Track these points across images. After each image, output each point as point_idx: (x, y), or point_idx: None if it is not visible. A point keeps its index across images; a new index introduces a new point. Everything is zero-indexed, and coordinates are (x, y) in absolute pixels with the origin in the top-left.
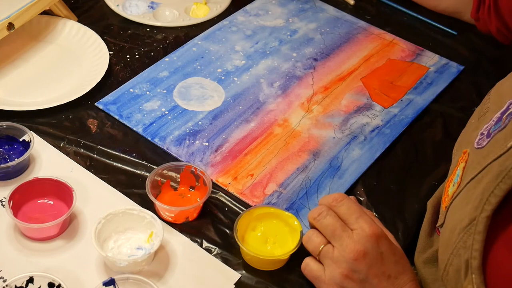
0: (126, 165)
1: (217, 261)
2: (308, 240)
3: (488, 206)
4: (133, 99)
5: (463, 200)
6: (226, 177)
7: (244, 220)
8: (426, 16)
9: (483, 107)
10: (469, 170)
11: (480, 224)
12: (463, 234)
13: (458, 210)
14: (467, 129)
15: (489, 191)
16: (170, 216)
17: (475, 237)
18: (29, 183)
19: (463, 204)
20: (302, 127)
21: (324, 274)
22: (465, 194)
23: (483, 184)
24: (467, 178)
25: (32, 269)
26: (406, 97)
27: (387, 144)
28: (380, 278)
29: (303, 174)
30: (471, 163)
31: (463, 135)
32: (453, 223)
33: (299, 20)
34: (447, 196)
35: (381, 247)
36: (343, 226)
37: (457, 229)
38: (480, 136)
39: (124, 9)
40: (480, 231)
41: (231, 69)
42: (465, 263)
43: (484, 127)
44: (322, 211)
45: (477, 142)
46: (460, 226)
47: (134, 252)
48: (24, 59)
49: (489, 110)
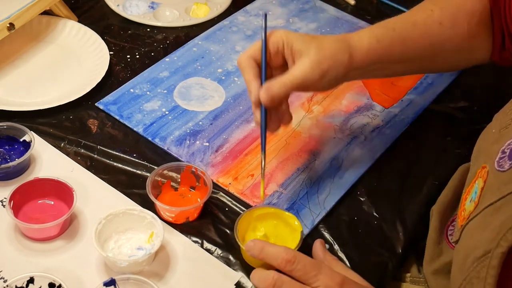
0: (126, 165)
1: (217, 262)
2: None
3: (505, 242)
4: (133, 99)
5: (479, 225)
6: (227, 177)
7: (244, 220)
8: None
9: (506, 118)
10: (488, 193)
11: (494, 259)
12: (477, 264)
13: (473, 235)
14: (486, 138)
15: (507, 227)
16: (171, 216)
17: (488, 271)
18: (30, 183)
19: (478, 230)
20: (302, 127)
21: None
22: (482, 219)
23: (502, 215)
24: (485, 202)
25: (32, 269)
26: (407, 97)
27: (387, 144)
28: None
29: (304, 174)
30: (490, 185)
31: (482, 142)
32: (467, 247)
33: (299, 20)
34: (464, 211)
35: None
36: None
37: (471, 257)
38: (501, 154)
39: (125, 9)
40: (494, 266)
41: (231, 69)
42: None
43: (506, 144)
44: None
45: (497, 162)
46: (474, 255)
47: (134, 252)
48: (25, 59)
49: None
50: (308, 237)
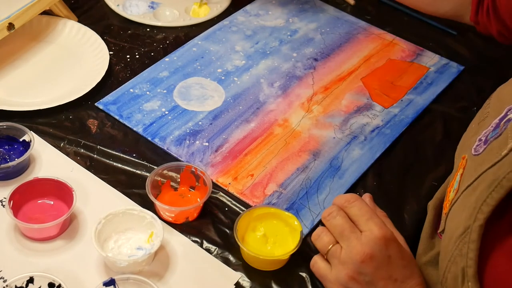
0: (126, 165)
1: (217, 261)
2: (317, 238)
3: (481, 215)
4: (133, 99)
5: (459, 207)
6: (226, 177)
7: (244, 220)
8: (426, 16)
9: (484, 112)
10: (466, 177)
11: (473, 233)
12: (459, 242)
13: (455, 218)
14: (467, 133)
15: (482, 200)
16: (170, 216)
17: (469, 246)
18: (29, 183)
19: (459, 211)
20: (302, 127)
21: (331, 274)
22: (461, 202)
23: (477, 192)
24: (464, 185)
25: (32, 269)
26: (406, 97)
27: (387, 144)
28: (387, 281)
29: (303, 174)
30: (468, 170)
31: (463, 139)
32: (451, 230)
33: (299, 20)
34: (448, 202)
35: (390, 251)
36: (352, 228)
37: (453, 237)
38: (478, 142)
39: (125, 9)
40: (474, 240)
41: (231, 69)
42: (462, 271)
43: (483, 133)
44: (332, 211)
45: (474, 148)
46: (456, 234)
47: (134, 252)
48: (24, 59)
49: (488, 116)
50: (308, 237)
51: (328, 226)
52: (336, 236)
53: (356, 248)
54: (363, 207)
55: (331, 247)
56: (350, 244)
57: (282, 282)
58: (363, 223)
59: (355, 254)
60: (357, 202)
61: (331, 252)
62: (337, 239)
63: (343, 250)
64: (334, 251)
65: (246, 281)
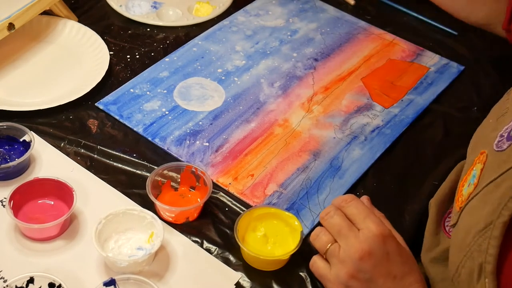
0: (126, 165)
1: (217, 262)
2: (315, 238)
3: (506, 211)
4: (133, 99)
5: (479, 202)
6: (227, 177)
7: (244, 220)
8: (426, 16)
9: (502, 107)
10: (488, 172)
11: (496, 229)
12: (478, 237)
13: (474, 212)
14: (484, 129)
15: (508, 196)
16: (171, 216)
17: (490, 242)
18: (30, 183)
19: (479, 206)
20: (302, 127)
21: (330, 273)
22: (482, 197)
23: (503, 188)
24: (485, 180)
25: (32, 269)
26: (407, 97)
27: (387, 144)
28: (386, 278)
29: (304, 174)
30: (490, 165)
31: (479, 134)
32: (468, 225)
33: (299, 20)
34: (461, 196)
35: (388, 247)
36: (349, 226)
37: (472, 232)
38: (499, 138)
39: (127, 9)
40: (496, 236)
41: (231, 69)
42: (479, 266)
43: (504, 129)
44: (330, 210)
45: (496, 144)
46: (476, 229)
47: (134, 252)
48: (25, 59)
49: (508, 111)
50: (308, 237)
51: (326, 225)
52: (334, 235)
53: (355, 246)
54: (359, 206)
55: (330, 246)
56: (348, 243)
57: (282, 282)
58: (361, 221)
59: (353, 252)
60: (354, 201)
61: (329, 251)
62: (335, 238)
63: (342, 249)
64: (333, 250)
65: (246, 281)
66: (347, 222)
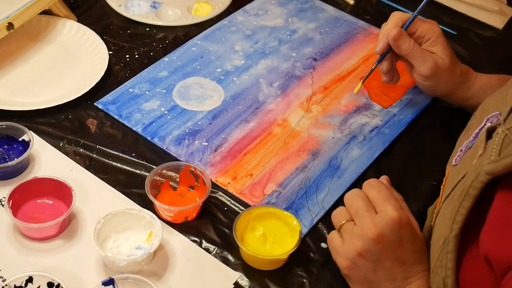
0: (125, 165)
1: (216, 261)
2: (335, 215)
3: (455, 225)
4: (132, 99)
5: (440, 218)
6: (226, 177)
7: (243, 219)
8: (426, 16)
9: (470, 123)
10: (446, 188)
11: (450, 243)
12: (439, 253)
13: (437, 229)
14: (456, 144)
15: (455, 210)
16: (170, 216)
17: (447, 256)
18: (29, 182)
19: (439, 223)
20: (301, 127)
21: (341, 248)
22: (442, 213)
23: (453, 202)
24: (444, 196)
25: (31, 268)
26: (406, 97)
27: (386, 144)
28: (394, 262)
29: (303, 174)
30: (448, 181)
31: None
32: (434, 242)
33: (298, 20)
34: (435, 213)
35: (402, 233)
36: (368, 207)
37: (435, 248)
38: (459, 153)
39: (126, 9)
40: (451, 250)
41: (230, 69)
42: (442, 281)
43: (464, 144)
44: (353, 191)
45: (455, 159)
46: (437, 245)
47: (133, 252)
48: (24, 59)
49: (472, 126)
50: (307, 236)
51: (347, 205)
52: (352, 214)
53: (368, 225)
54: (381, 189)
55: (345, 223)
56: (363, 222)
57: (281, 281)
58: (380, 204)
59: (366, 231)
60: (376, 184)
61: (344, 227)
62: (352, 217)
63: (356, 227)
64: (347, 226)
65: (245, 281)
66: (366, 203)
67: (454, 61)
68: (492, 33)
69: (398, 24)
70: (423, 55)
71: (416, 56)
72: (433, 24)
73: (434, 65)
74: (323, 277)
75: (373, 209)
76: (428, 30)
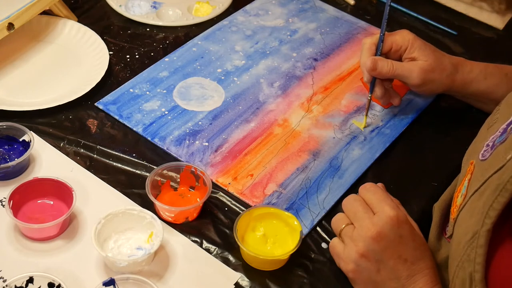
0: (126, 165)
1: (217, 261)
2: (334, 221)
3: (488, 220)
4: (133, 99)
5: (467, 213)
6: (226, 177)
7: (244, 220)
8: (426, 16)
9: (493, 118)
10: (474, 182)
11: (481, 237)
12: (467, 247)
13: (463, 223)
14: (477, 139)
15: (488, 205)
16: (170, 216)
17: (477, 251)
18: (29, 183)
19: (467, 217)
20: (302, 127)
21: (343, 252)
22: (469, 207)
23: (484, 197)
24: (472, 190)
25: (32, 269)
26: (406, 97)
27: (387, 144)
28: (396, 260)
29: (303, 174)
30: (475, 175)
31: (473, 145)
32: (459, 236)
33: (299, 20)
34: (456, 207)
35: (401, 231)
36: (365, 209)
37: (462, 242)
38: (485, 147)
39: (127, 9)
40: (481, 245)
41: (231, 69)
42: (469, 276)
43: (490, 138)
44: (349, 197)
45: (482, 153)
46: (465, 239)
47: (134, 252)
48: (24, 59)
49: (497, 121)
50: (307, 237)
51: (345, 210)
52: (351, 218)
53: (368, 226)
54: (377, 192)
55: (344, 227)
56: (362, 224)
57: (281, 282)
58: (377, 205)
59: (366, 231)
60: (372, 187)
61: (344, 231)
62: (351, 221)
63: (356, 229)
64: (347, 230)
65: (245, 281)
66: (364, 206)
67: (438, 56)
68: (492, 33)
69: (371, 51)
70: (406, 68)
71: (400, 73)
72: (404, 33)
73: (421, 71)
74: (324, 278)
75: (371, 211)
76: (402, 41)
